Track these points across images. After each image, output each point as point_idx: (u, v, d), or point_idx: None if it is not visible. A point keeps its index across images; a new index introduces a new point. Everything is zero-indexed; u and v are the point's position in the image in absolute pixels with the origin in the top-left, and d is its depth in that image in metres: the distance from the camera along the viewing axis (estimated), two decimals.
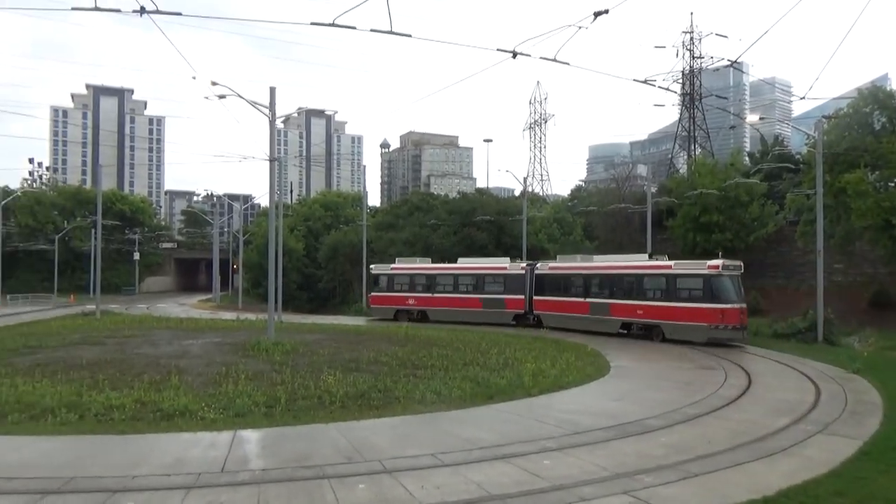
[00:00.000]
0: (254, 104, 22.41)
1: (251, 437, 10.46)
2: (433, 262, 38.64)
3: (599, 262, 30.62)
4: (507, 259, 35.49)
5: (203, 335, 25.95)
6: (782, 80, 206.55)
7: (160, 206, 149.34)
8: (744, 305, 25.30)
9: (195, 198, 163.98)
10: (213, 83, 21.79)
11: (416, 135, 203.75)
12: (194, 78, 61.40)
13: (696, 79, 70.50)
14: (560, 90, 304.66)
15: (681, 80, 69.97)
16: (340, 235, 57.28)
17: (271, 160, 23.94)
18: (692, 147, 70.43)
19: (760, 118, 39.57)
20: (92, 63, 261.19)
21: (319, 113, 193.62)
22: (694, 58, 69.87)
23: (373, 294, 38.62)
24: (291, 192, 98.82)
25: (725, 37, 72.92)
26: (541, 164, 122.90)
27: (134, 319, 35.29)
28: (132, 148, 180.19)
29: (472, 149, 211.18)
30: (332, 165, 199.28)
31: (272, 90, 22.95)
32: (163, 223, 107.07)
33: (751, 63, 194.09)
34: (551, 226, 47.08)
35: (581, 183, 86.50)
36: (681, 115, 73.41)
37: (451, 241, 45.53)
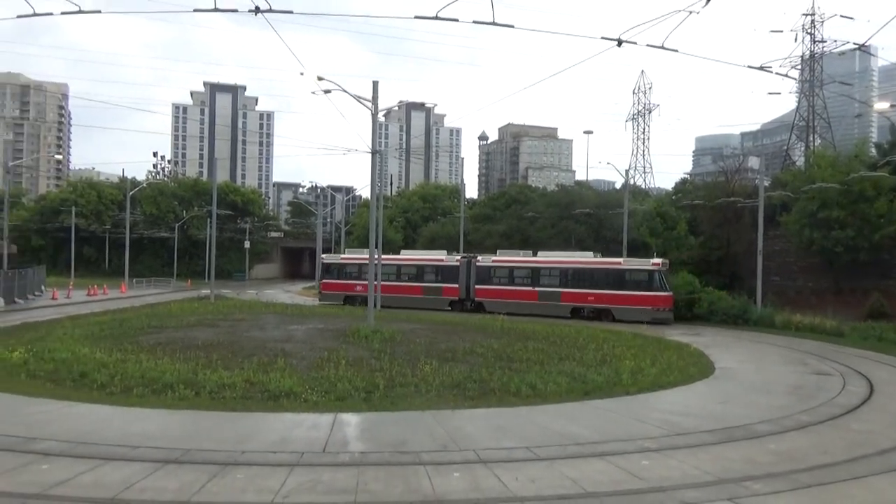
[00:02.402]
0: (357, 98, 23.04)
1: (351, 421, 10.82)
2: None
3: (544, 257, 36.06)
4: (444, 251, 40.30)
5: (307, 321, 27.04)
6: None
7: (269, 197, 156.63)
8: (672, 293, 32.35)
9: (301, 189, 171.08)
10: (320, 78, 22.53)
11: (514, 127, 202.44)
12: (302, 74, 64.54)
13: (816, 64, 65.69)
14: (666, 79, 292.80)
15: (800, 66, 65.48)
16: (438, 227, 57.94)
17: (373, 153, 24.53)
18: (811, 137, 65.83)
19: (891, 105, 36.43)
20: (210, 62, 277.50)
21: (419, 106, 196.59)
22: (815, 42, 65.10)
23: (323, 281, 42.36)
24: (391, 183, 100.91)
25: (851, 18, 67.47)
26: (644, 156, 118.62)
27: (244, 304, 37.31)
28: (244, 142, 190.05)
29: (571, 141, 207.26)
30: (431, 158, 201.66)
31: (375, 84, 23.49)
32: (271, 213, 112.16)
33: (881, 46, 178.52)
34: (654, 220, 45.47)
35: (686, 176, 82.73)
36: (799, 103, 68.78)
37: (548, 233, 45.04)
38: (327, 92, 22.95)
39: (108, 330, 21.99)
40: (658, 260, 32.61)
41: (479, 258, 37.67)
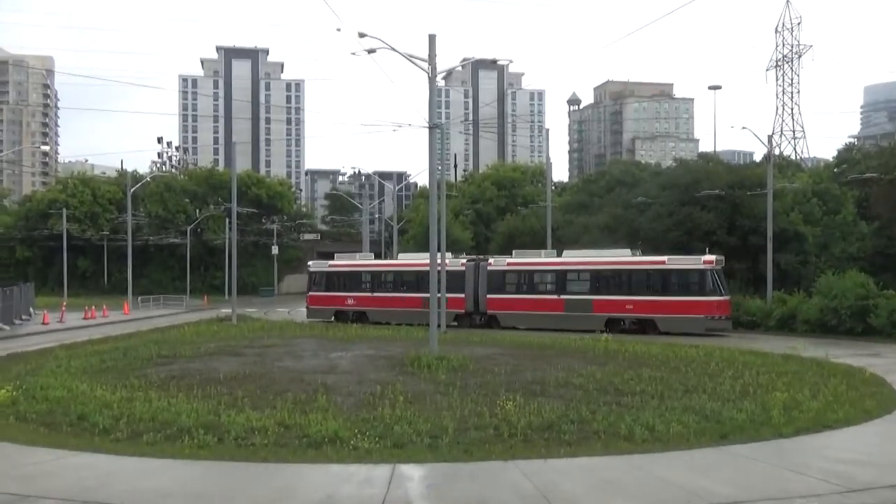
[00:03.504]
0: (409, 57, 23.24)
1: (413, 474, 10.92)
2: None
3: (572, 257, 37.87)
4: (449, 254, 41.02)
5: (353, 346, 27.45)
6: None
7: (301, 189, 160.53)
8: (729, 297, 35.11)
9: (340, 178, 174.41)
10: (362, 35, 22.86)
11: (615, 85, 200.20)
12: (339, 30, 65.82)
13: None
14: (821, 11, 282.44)
15: None
16: (518, 221, 57.82)
17: (431, 127, 24.71)
18: None
19: None
20: (224, 21, 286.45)
21: (490, 64, 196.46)
22: None
23: (310, 294, 45.22)
24: (456, 166, 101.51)
25: None
26: (792, 115, 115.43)
27: (274, 326, 38.25)
28: (268, 120, 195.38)
29: (692, 100, 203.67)
30: (506, 131, 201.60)
31: (431, 38, 23.65)
32: (304, 210, 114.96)
33: None
34: (808, 201, 44.11)
35: (852, 140, 79.92)
36: None
37: (664, 224, 44.26)
38: (371, 52, 23.32)
39: (110, 361, 22.92)
40: (711, 257, 34.53)
41: (491, 261, 39.94)
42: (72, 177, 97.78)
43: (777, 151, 70.79)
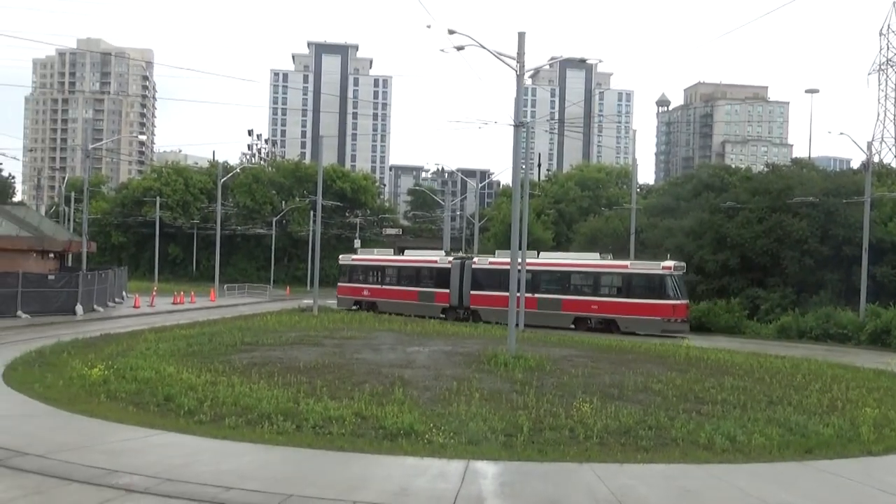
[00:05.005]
0: (498, 55, 23.31)
1: (487, 471, 10.96)
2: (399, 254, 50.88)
3: (546, 259, 41.08)
4: (442, 252, 48.05)
5: (430, 341, 27.79)
6: None
7: (384, 185, 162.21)
8: (687, 301, 37.20)
9: (424, 174, 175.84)
10: (451, 32, 23.03)
11: (706, 86, 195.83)
12: (429, 27, 66.41)
13: None
14: None
15: None
16: (601, 222, 57.18)
17: (516, 125, 24.67)
18: None
19: None
20: (316, 15, 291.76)
21: (577, 63, 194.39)
22: None
23: (339, 284, 50.18)
24: (540, 165, 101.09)
25: None
26: (894, 121, 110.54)
27: (353, 318, 38.90)
28: (355, 115, 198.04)
29: (786, 104, 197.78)
30: (592, 130, 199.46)
31: (520, 36, 23.64)
32: (386, 204, 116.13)
33: None
34: None
35: None
36: None
37: (754, 230, 43.09)
38: (460, 49, 23.47)
39: (195, 346, 23.85)
40: (670, 263, 36.57)
41: (476, 260, 43.17)
42: (166, 166, 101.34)
43: (876, 158, 68.05)
